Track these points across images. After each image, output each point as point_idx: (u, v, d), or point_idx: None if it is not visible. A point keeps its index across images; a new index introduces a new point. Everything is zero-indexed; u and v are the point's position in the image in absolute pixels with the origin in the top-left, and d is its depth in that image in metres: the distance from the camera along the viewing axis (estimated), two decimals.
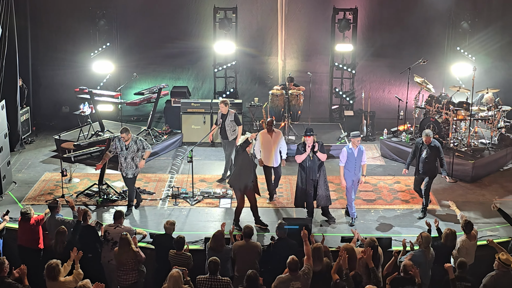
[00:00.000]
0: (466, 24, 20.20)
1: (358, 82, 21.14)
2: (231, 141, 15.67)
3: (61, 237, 11.28)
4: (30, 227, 11.94)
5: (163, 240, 11.63)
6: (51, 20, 20.86)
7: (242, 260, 11.18)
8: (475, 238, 11.58)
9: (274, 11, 20.96)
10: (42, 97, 21.01)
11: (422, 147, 13.94)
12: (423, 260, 10.83)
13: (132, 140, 13.87)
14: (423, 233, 11.14)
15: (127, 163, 13.91)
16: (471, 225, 11.56)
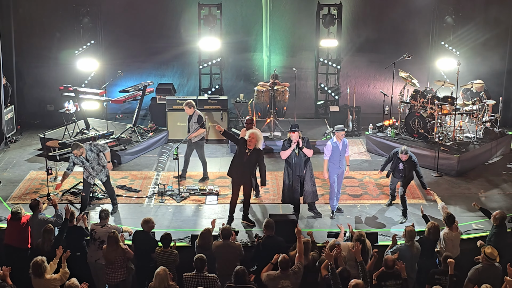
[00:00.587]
0: (450, 19, 20.28)
1: (343, 78, 21.18)
2: (194, 142, 15.55)
3: (48, 235, 11.23)
4: (20, 227, 11.89)
5: (141, 237, 11.60)
6: (35, 17, 20.76)
7: (222, 260, 11.15)
8: (457, 229, 11.68)
9: (258, 7, 20.96)
10: (27, 96, 20.90)
11: (398, 159, 13.71)
12: (408, 254, 10.89)
13: (87, 151, 13.75)
14: (407, 227, 11.22)
15: (96, 170, 13.86)
16: (453, 218, 11.65)
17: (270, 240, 11.33)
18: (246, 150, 13.23)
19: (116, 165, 16.80)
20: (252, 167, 13.40)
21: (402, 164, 13.63)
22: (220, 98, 19.07)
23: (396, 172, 13.87)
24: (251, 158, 13.26)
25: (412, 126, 17.25)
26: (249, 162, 13.27)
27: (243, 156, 13.27)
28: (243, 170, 13.32)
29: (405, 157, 13.53)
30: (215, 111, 18.73)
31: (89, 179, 13.87)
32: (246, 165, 13.29)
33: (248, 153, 13.22)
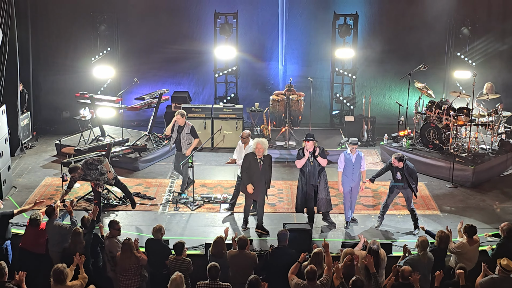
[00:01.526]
0: (466, 30, 20.22)
1: (358, 88, 21.15)
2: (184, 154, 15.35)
3: (78, 237, 11.27)
4: (37, 232, 11.96)
5: (153, 245, 11.61)
6: (52, 25, 20.90)
7: (236, 269, 11.13)
8: (476, 243, 11.55)
9: (274, 16, 20.98)
10: (43, 102, 21.02)
11: (395, 169, 13.53)
12: (420, 264, 10.84)
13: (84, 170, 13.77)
14: (420, 237, 11.15)
15: (102, 179, 13.90)
16: (474, 229, 11.53)
17: (279, 251, 11.28)
18: (259, 160, 13.32)
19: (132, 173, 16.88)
20: (267, 174, 13.49)
21: (400, 173, 13.49)
22: (235, 106, 19.11)
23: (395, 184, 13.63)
24: (265, 165, 13.40)
25: (427, 137, 17.20)
26: (264, 170, 13.37)
27: (258, 167, 13.35)
28: (260, 180, 13.40)
29: (399, 164, 13.37)
30: (230, 119, 18.75)
31: (98, 187, 13.90)
32: (262, 174, 13.39)
33: (261, 162, 13.32)
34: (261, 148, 13.26)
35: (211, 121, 18.76)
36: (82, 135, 18.21)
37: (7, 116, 15.63)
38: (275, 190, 15.82)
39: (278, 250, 11.29)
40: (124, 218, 14.21)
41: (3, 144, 15.15)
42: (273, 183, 15.48)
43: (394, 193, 13.76)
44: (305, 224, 13.13)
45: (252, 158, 13.39)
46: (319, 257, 10.68)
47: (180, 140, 15.28)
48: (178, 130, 15.29)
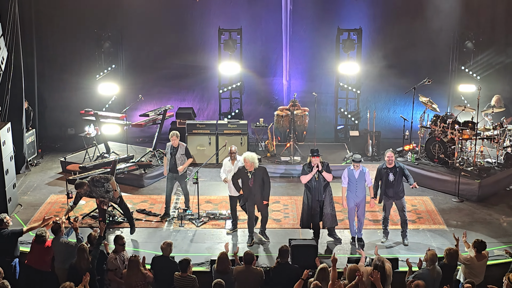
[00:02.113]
0: (470, 44, 20.23)
1: (363, 102, 21.14)
2: (181, 174, 15.19)
3: (83, 253, 11.26)
4: (43, 249, 11.94)
5: (161, 262, 11.57)
6: (56, 42, 20.98)
7: (242, 286, 11.10)
8: (484, 258, 11.48)
9: (278, 32, 21.03)
10: (48, 119, 21.08)
11: (387, 171, 13.59)
12: (429, 278, 10.77)
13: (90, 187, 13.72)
14: (428, 251, 11.08)
15: (107, 197, 13.87)
16: (483, 245, 11.47)
17: (282, 267, 11.25)
18: (248, 174, 13.51)
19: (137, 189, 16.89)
20: (259, 187, 13.60)
21: (392, 174, 13.50)
22: (239, 122, 19.13)
23: (387, 190, 13.60)
24: (256, 178, 13.54)
25: (432, 151, 17.17)
26: (255, 185, 13.54)
27: (249, 182, 13.55)
28: (253, 193, 13.59)
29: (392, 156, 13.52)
30: (235, 135, 18.76)
31: (102, 205, 13.90)
32: (253, 188, 13.56)
33: (251, 175, 13.49)
34: (248, 162, 13.43)
35: (215, 137, 18.77)
36: (87, 152, 18.22)
37: (13, 134, 15.65)
38: (281, 205, 15.81)
39: (280, 266, 11.26)
40: (129, 235, 14.17)
41: (9, 161, 15.17)
42: (278, 199, 15.58)
43: (388, 205, 13.77)
44: (310, 240, 13.08)
45: (243, 172, 13.61)
46: (325, 273, 10.62)
47: (176, 161, 15.03)
48: (172, 152, 15.05)
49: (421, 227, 14.63)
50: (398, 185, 13.57)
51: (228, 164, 14.35)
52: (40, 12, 20.45)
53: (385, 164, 13.67)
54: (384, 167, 13.66)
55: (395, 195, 13.62)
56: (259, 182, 13.57)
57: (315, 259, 11.59)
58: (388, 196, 13.68)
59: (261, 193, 13.62)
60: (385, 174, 13.58)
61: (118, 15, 20.73)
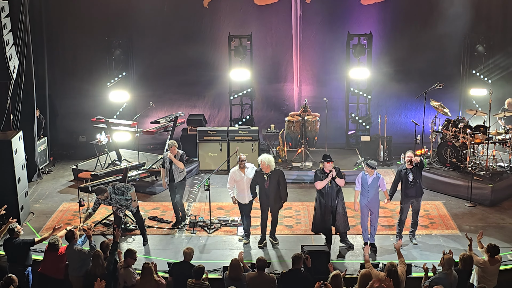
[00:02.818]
0: (481, 48, 20.15)
1: (374, 107, 21.08)
2: (177, 182, 14.97)
3: (99, 260, 11.30)
4: (56, 257, 11.96)
5: (181, 268, 11.55)
6: (67, 50, 21.08)
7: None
8: (497, 262, 11.41)
9: (288, 37, 21.03)
10: (59, 127, 21.16)
11: (406, 172, 13.64)
12: (446, 283, 10.70)
13: (111, 194, 13.73)
14: (445, 255, 11.01)
15: (124, 205, 13.89)
16: (497, 249, 11.40)
17: (292, 273, 11.19)
18: (265, 176, 13.64)
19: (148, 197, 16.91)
20: (274, 189, 13.71)
21: (412, 174, 13.53)
22: (250, 128, 19.13)
23: (407, 190, 13.62)
24: (272, 181, 13.65)
25: (444, 155, 17.11)
26: (270, 187, 13.66)
27: (264, 184, 13.67)
28: (268, 195, 13.72)
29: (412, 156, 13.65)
30: (246, 141, 18.76)
31: (119, 212, 13.91)
32: (268, 190, 13.67)
33: (267, 177, 13.62)
34: (264, 165, 13.58)
35: (227, 143, 18.78)
36: (99, 160, 18.27)
37: (24, 142, 15.70)
38: (292, 211, 15.79)
39: (291, 273, 11.21)
40: (141, 243, 14.18)
41: (21, 170, 15.22)
42: (290, 205, 15.57)
43: (406, 208, 13.76)
44: (323, 246, 13.04)
45: (259, 174, 13.76)
46: (338, 280, 10.57)
47: (173, 171, 14.87)
48: (170, 161, 14.87)
49: (434, 232, 14.57)
50: (418, 183, 13.61)
51: (237, 174, 14.10)
52: (50, 20, 20.58)
53: (405, 165, 13.69)
54: (404, 168, 13.69)
55: (416, 193, 13.65)
56: (274, 184, 13.66)
57: (328, 265, 11.57)
58: (408, 196, 13.68)
59: (275, 195, 13.71)
60: (404, 176, 13.60)
61: (129, 23, 20.79)
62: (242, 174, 14.04)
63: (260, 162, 13.66)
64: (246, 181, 13.99)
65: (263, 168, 13.61)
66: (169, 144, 14.89)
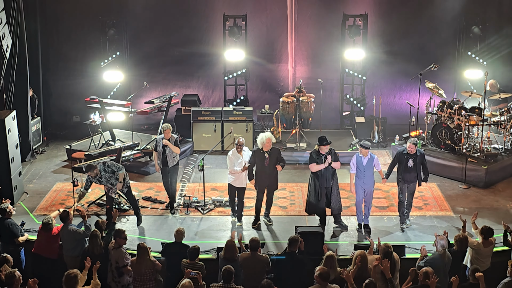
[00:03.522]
0: (477, 29, 20.08)
1: (369, 88, 21.03)
2: (171, 167, 14.68)
3: (96, 239, 11.29)
4: (50, 237, 11.97)
5: (173, 249, 11.57)
6: (61, 30, 20.93)
7: (248, 272, 11.05)
8: (491, 244, 11.43)
9: (283, 18, 20.93)
10: (53, 107, 21.07)
11: (407, 157, 13.50)
12: (441, 264, 10.76)
13: (101, 171, 13.61)
14: (439, 236, 11.03)
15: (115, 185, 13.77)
16: (491, 232, 11.41)
17: (288, 256, 11.20)
18: (265, 155, 13.59)
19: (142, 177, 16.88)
20: (274, 167, 13.74)
21: (412, 160, 13.43)
22: (245, 109, 19.09)
23: (406, 174, 13.50)
24: (272, 159, 13.63)
25: (439, 137, 17.10)
26: (270, 165, 13.68)
27: (264, 161, 13.62)
28: (268, 175, 13.72)
29: (413, 148, 13.37)
30: (240, 122, 18.72)
31: (111, 192, 13.84)
32: (268, 168, 13.67)
33: (267, 155, 13.59)
34: (270, 143, 13.58)
35: (221, 124, 18.73)
36: (93, 140, 18.21)
37: (18, 122, 15.63)
38: (287, 192, 15.78)
39: (287, 255, 11.22)
40: (135, 223, 14.18)
41: (14, 149, 15.17)
42: (284, 186, 15.59)
43: (404, 188, 13.69)
44: (317, 227, 13.05)
45: (258, 153, 13.68)
46: (333, 261, 10.59)
47: (167, 155, 14.61)
48: (163, 146, 14.55)
49: (428, 213, 14.60)
50: (417, 171, 13.52)
51: (236, 157, 13.91)
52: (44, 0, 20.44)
53: (406, 150, 13.57)
54: (404, 152, 13.56)
55: (413, 179, 13.58)
56: (274, 161, 13.67)
57: (323, 246, 11.58)
58: (405, 180, 13.61)
59: (273, 173, 13.76)
60: (404, 160, 13.49)
61: (123, 2, 20.69)
62: (240, 157, 13.94)
63: (266, 139, 13.50)
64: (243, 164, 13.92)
65: (267, 144, 13.52)
66: (163, 127, 14.69)
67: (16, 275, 9.95)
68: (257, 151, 13.71)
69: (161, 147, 14.57)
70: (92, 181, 13.77)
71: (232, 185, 14.04)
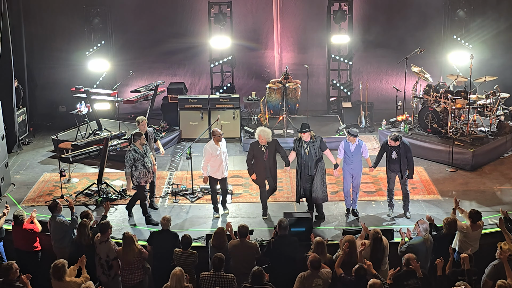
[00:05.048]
0: (462, 12, 20.11)
1: (355, 74, 21.05)
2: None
3: (85, 229, 11.23)
4: (23, 231, 11.92)
5: (160, 237, 11.54)
6: (45, 19, 20.77)
7: (237, 259, 11.07)
8: (479, 228, 11.47)
9: (269, 4, 20.89)
10: (38, 97, 20.95)
11: (390, 148, 13.41)
12: (423, 248, 10.83)
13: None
14: (419, 220, 11.10)
15: (150, 167, 13.64)
16: (479, 215, 11.44)
17: (282, 239, 11.21)
18: (262, 149, 13.43)
19: None
20: (273, 160, 13.61)
21: (395, 152, 13.34)
22: (232, 96, 19.05)
23: (391, 165, 13.48)
24: (270, 152, 13.51)
25: (425, 121, 17.15)
26: (270, 159, 13.54)
27: (263, 156, 13.46)
28: (268, 167, 13.59)
29: (395, 143, 13.25)
30: (227, 109, 18.69)
31: (143, 180, 13.51)
32: (268, 162, 13.52)
33: (265, 149, 13.42)
34: (263, 138, 13.36)
35: (208, 112, 18.69)
36: (79, 130, 18.14)
37: (3, 113, 15.54)
38: None
39: (280, 239, 11.22)
40: (123, 212, 14.16)
41: (0, 141, 15.08)
42: None
43: (392, 177, 13.67)
44: (305, 213, 13.04)
45: (256, 147, 13.51)
46: (322, 246, 10.63)
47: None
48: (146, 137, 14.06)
49: (415, 197, 14.63)
50: (402, 164, 13.38)
51: (213, 149, 13.62)
52: None
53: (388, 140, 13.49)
54: (387, 143, 13.51)
55: (399, 170, 13.46)
56: (273, 154, 13.58)
57: (310, 235, 11.59)
58: (391, 170, 13.57)
59: (274, 165, 13.65)
60: (389, 151, 13.46)
61: None
62: (218, 148, 13.68)
63: (258, 136, 13.39)
64: (222, 155, 13.73)
65: (262, 140, 13.36)
66: (137, 120, 14.41)
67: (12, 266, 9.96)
68: (254, 144, 13.58)
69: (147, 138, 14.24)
70: (136, 158, 13.36)
71: (212, 177, 13.85)
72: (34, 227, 12.02)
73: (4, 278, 9.96)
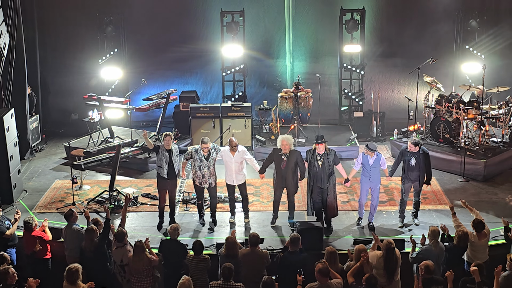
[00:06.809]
0: (474, 22, 20.10)
1: (367, 83, 21.05)
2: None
3: (91, 234, 11.25)
4: (31, 237, 11.93)
5: (169, 246, 11.56)
6: (58, 27, 20.91)
7: (248, 268, 11.01)
8: (485, 237, 11.43)
9: (281, 13, 20.93)
10: (51, 105, 21.07)
11: (409, 154, 13.38)
12: (433, 255, 10.79)
13: (211, 149, 13.60)
14: (431, 226, 11.08)
15: (209, 172, 13.70)
16: (482, 225, 11.42)
17: (291, 256, 11.06)
18: (283, 157, 13.34)
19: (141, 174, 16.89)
20: (291, 171, 13.42)
21: (414, 158, 13.29)
22: (243, 105, 19.04)
23: (409, 172, 13.40)
24: (290, 162, 13.35)
25: (437, 131, 17.11)
26: (288, 168, 13.37)
27: (281, 163, 13.37)
28: (284, 176, 13.44)
29: (415, 148, 13.22)
30: (239, 118, 18.70)
31: (202, 183, 13.72)
32: (284, 171, 13.39)
33: (285, 158, 13.30)
34: (286, 145, 13.26)
35: (219, 120, 18.71)
36: (91, 137, 18.20)
37: (16, 120, 15.61)
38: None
39: (289, 255, 11.08)
40: (134, 220, 14.20)
41: (13, 147, 15.16)
42: None
43: (408, 187, 13.60)
44: (316, 222, 13.01)
45: (277, 154, 13.46)
46: (334, 256, 10.59)
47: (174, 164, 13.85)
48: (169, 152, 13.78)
49: (427, 207, 14.59)
50: (421, 171, 13.36)
51: (227, 155, 13.79)
52: None
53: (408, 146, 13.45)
54: (406, 149, 13.45)
55: (417, 178, 13.42)
56: (292, 165, 13.38)
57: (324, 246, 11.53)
58: (409, 178, 13.50)
59: (293, 177, 13.47)
60: (407, 158, 13.41)
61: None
62: (231, 156, 13.74)
63: (281, 142, 13.29)
64: (234, 165, 13.78)
65: (283, 147, 13.27)
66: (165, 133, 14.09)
67: (9, 271, 9.97)
68: (276, 151, 13.51)
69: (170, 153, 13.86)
70: (194, 158, 13.56)
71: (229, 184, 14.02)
72: (44, 235, 12.04)
73: (3, 283, 9.97)
